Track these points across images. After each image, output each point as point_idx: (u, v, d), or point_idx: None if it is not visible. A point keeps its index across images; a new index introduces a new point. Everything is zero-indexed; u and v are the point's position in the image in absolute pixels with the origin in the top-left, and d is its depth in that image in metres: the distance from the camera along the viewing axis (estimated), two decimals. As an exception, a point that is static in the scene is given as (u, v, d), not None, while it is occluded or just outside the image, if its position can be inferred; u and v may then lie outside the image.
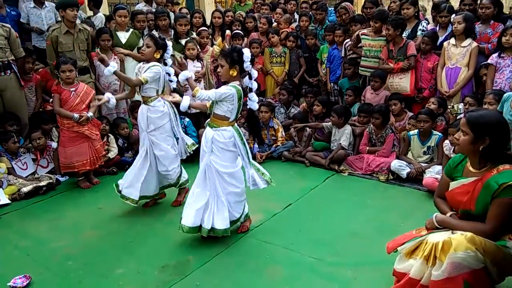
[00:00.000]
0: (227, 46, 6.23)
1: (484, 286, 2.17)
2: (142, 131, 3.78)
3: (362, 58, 5.41)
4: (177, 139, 3.87)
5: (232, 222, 3.28)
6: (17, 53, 4.70)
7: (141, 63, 3.84)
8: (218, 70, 3.19)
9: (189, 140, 4.05)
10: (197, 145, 4.05)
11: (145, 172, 3.75)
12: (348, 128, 4.93)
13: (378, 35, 5.27)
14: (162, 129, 3.74)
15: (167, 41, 3.79)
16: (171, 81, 3.86)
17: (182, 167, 3.96)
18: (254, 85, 3.23)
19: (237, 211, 3.31)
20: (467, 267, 2.11)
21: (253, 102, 3.26)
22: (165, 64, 3.82)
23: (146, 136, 3.74)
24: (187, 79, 3.33)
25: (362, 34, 5.33)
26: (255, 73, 3.21)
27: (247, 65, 3.10)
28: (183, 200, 3.93)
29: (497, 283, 2.29)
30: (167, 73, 3.80)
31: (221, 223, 3.18)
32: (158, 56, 3.69)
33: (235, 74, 3.11)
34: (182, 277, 2.89)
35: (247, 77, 3.21)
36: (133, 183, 3.77)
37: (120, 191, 3.82)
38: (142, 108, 3.75)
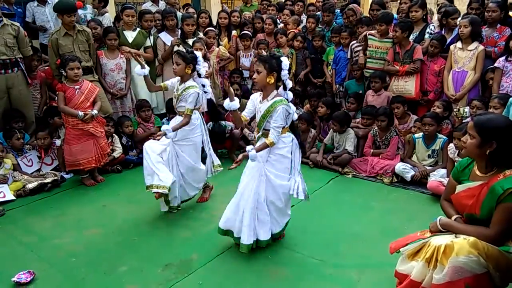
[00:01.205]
0: (233, 47, 6.26)
1: (487, 291, 2.16)
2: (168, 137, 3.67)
3: (368, 59, 5.40)
4: (204, 157, 3.84)
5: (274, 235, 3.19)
6: (24, 51, 4.74)
7: (175, 79, 3.76)
8: (254, 76, 2.99)
9: (217, 161, 4.00)
10: (222, 168, 4.03)
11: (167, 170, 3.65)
12: (351, 133, 4.92)
13: (384, 37, 5.27)
14: (189, 141, 3.71)
15: (195, 53, 3.69)
16: (205, 92, 3.81)
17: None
18: (290, 96, 3.09)
19: (281, 222, 3.21)
20: (469, 271, 2.10)
21: (292, 113, 3.07)
22: (199, 76, 3.74)
23: (171, 145, 3.68)
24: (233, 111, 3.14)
25: (369, 35, 5.33)
26: (290, 83, 3.07)
27: (284, 73, 2.97)
28: (208, 197, 4.01)
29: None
30: (202, 84, 3.74)
31: (264, 235, 3.08)
32: (190, 71, 3.63)
33: (272, 81, 2.94)
34: (185, 276, 2.90)
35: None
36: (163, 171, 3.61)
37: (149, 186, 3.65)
38: (177, 119, 3.71)
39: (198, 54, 3.71)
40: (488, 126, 2.24)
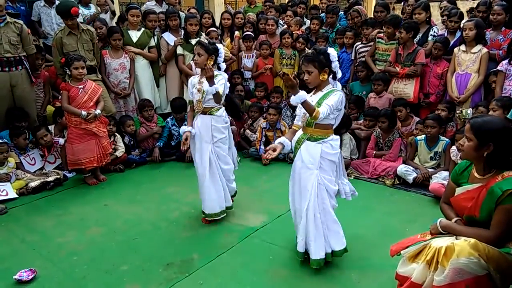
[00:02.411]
0: (235, 47, 6.27)
1: (487, 293, 2.15)
2: (202, 143, 3.52)
3: (375, 62, 5.41)
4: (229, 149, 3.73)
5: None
6: (28, 49, 4.77)
7: (193, 77, 3.63)
8: (305, 77, 2.79)
9: (236, 153, 3.91)
10: (239, 158, 3.96)
11: (220, 184, 3.58)
12: (346, 138, 4.92)
13: (391, 40, 5.28)
14: (226, 140, 3.60)
15: (217, 45, 3.54)
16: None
17: None
18: (339, 86, 2.90)
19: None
20: (469, 273, 2.09)
21: (343, 109, 2.90)
22: (219, 69, 3.60)
23: (210, 148, 3.51)
24: (303, 102, 2.61)
25: (378, 37, 5.34)
26: (339, 73, 2.87)
27: (335, 65, 2.78)
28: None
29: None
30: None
31: (339, 245, 2.94)
32: (212, 63, 3.44)
33: (325, 77, 2.77)
34: (186, 275, 2.90)
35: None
36: (211, 197, 3.56)
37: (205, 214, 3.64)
38: (205, 119, 3.50)
39: (220, 46, 3.56)
40: (484, 128, 2.24)
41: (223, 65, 3.65)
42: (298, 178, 2.90)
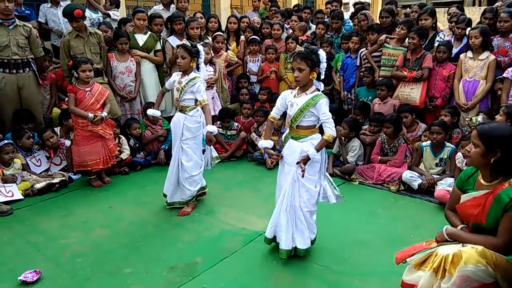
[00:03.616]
0: (241, 52, 6.29)
1: (494, 301, 2.14)
2: (176, 140, 3.82)
3: (381, 68, 5.41)
4: (203, 150, 3.89)
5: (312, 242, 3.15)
6: (36, 52, 4.80)
7: (176, 74, 3.86)
8: (296, 74, 2.87)
9: (214, 153, 4.05)
10: (219, 160, 4.09)
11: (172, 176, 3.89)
12: (356, 144, 4.90)
13: (399, 44, 5.28)
14: (196, 139, 3.79)
15: (198, 46, 3.79)
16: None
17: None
18: (321, 86, 3.04)
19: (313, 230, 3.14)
20: (477, 281, 2.08)
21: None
22: (198, 69, 3.84)
23: (179, 144, 3.79)
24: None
25: (385, 42, 5.35)
26: (323, 74, 2.98)
27: (323, 66, 2.90)
28: (190, 212, 3.88)
29: (508, 298, 2.25)
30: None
31: (302, 244, 3.04)
32: (194, 65, 3.74)
33: (314, 77, 2.88)
34: (190, 279, 2.90)
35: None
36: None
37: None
38: (178, 117, 3.79)
39: (200, 48, 3.80)
40: (491, 135, 2.23)
41: (202, 65, 3.90)
42: (282, 169, 3.11)
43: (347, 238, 3.44)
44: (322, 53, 2.90)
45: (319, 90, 2.99)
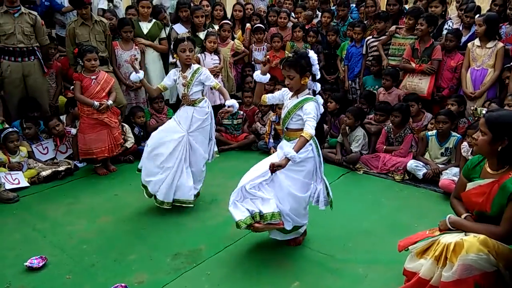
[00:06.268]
0: (246, 40, 6.25)
1: (495, 289, 2.14)
2: (177, 133, 3.65)
3: (390, 57, 5.35)
4: (209, 140, 3.84)
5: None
6: (41, 40, 4.82)
7: (174, 72, 3.74)
8: (287, 82, 2.85)
9: (215, 147, 3.97)
10: (218, 155, 4.05)
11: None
12: (359, 133, 4.87)
13: (409, 33, 5.21)
14: (203, 130, 3.73)
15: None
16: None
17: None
18: (318, 87, 2.95)
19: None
20: (478, 269, 2.08)
21: (320, 105, 2.92)
22: None
23: (185, 138, 3.65)
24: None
25: (395, 32, 5.28)
26: (318, 74, 2.91)
27: (315, 67, 2.84)
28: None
29: (510, 287, 2.25)
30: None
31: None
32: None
33: (307, 81, 2.83)
34: (194, 266, 2.93)
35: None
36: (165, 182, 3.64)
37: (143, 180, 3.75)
38: (187, 109, 3.67)
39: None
40: (499, 123, 2.21)
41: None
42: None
43: (351, 227, 3.44)
44: (312, 55, 2.83)
45: (315, 92, 2.94)
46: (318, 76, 2.92)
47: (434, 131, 4.46)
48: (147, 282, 2.77)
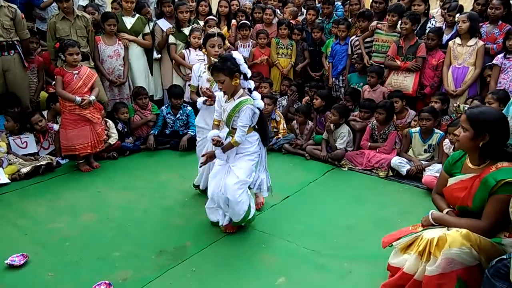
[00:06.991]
0: (232, 36, 6.22)
1: (478, 283, 2.17)
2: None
3: (373, 53, 5.39)
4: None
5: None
6: (22, 34, 4.70)
7: (202, 63, 3.80)
8: (219, 86, 3.03)
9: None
10: None
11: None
12: (344, 130, 4.90)
13: (392, 30, 5.26)
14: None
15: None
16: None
17: None
18: (252, 84, 3.13)
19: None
20: (461, 263, 2.12)
21: (258, 100, 3.09)
22: None
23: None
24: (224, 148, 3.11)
25: (377, 28, 5.32)
26: (249, 72, 3.09)
27: (243, 67, 3.01)
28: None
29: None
30: None
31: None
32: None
33: (238, 82, 2.99)
34: (179, 262, 2.91)
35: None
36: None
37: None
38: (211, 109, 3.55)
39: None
40: (481, 119, 2.25)
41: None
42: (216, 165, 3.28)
43: (336, 223, 3.46)
44: (237, 56, 2.99)
45: (250, 90, 3.11)
46: (249, 75, 3.09)
47: (418, 128, 4.52)
48: (131, 279, 2.74)
